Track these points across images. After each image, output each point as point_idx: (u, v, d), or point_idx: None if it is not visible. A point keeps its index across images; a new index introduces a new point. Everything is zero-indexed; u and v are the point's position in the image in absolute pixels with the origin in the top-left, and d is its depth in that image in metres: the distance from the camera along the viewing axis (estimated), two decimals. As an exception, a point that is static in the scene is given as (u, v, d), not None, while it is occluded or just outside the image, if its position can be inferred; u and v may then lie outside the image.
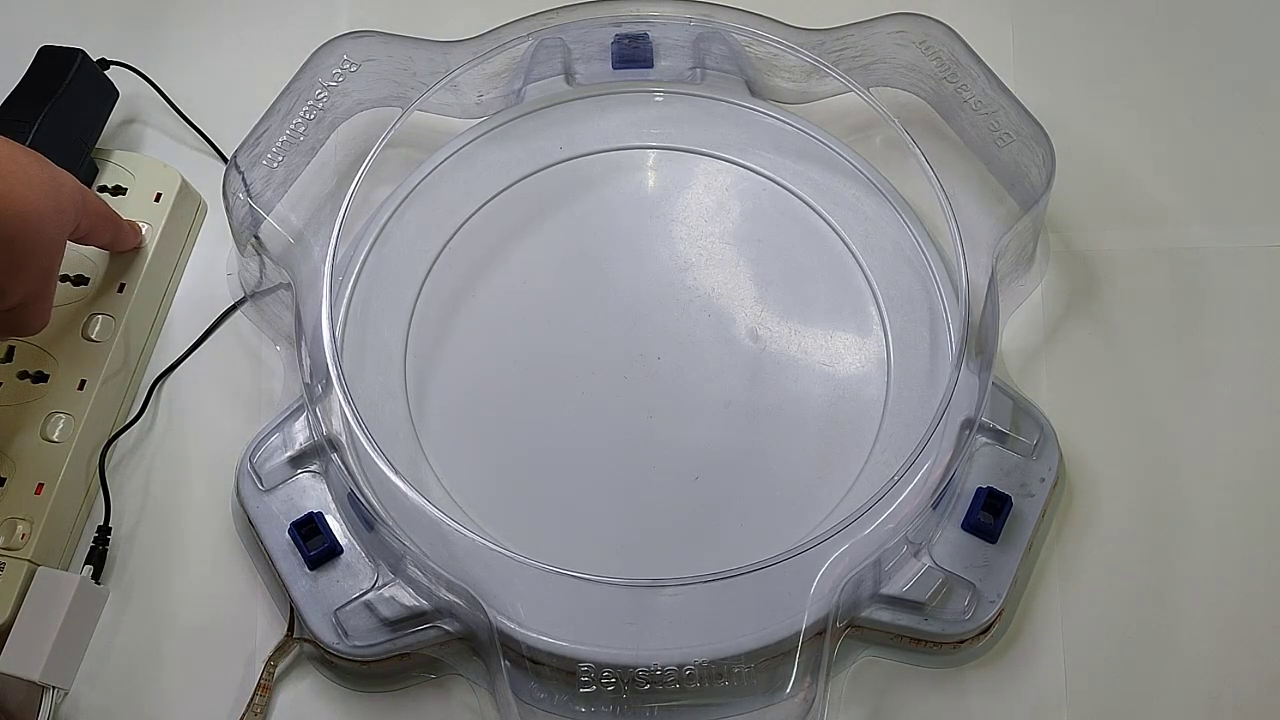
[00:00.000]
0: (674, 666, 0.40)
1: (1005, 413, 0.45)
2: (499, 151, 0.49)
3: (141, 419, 0.47)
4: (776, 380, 0.46)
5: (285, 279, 0.46)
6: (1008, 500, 0.43)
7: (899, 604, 0.42)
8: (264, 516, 0.44)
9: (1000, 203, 0.49)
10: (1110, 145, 0.51)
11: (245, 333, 0.49)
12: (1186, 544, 0.45)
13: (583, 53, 0.51)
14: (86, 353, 0.47)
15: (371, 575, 0.42)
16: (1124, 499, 0.45)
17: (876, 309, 0.47)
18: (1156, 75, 0.53)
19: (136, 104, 0.53)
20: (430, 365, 0.46)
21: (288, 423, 0.45)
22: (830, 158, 0.49)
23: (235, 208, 0.47)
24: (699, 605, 0.41)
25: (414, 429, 0.45)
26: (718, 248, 0.48)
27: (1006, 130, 0.48)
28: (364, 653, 0.41)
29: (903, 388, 0.45)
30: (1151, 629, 0.43)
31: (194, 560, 0.45)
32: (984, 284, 0.45)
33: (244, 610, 0.44)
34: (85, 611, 0.43)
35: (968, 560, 0.43)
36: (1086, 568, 0.44)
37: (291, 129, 0.48)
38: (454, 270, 0.47)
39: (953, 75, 0.49)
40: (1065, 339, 0.48)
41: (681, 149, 0.50)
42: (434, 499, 0.42)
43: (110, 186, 0.50)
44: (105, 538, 0.45)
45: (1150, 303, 0.49)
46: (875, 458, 0.44)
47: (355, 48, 0.49)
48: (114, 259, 0.48)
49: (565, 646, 0.40)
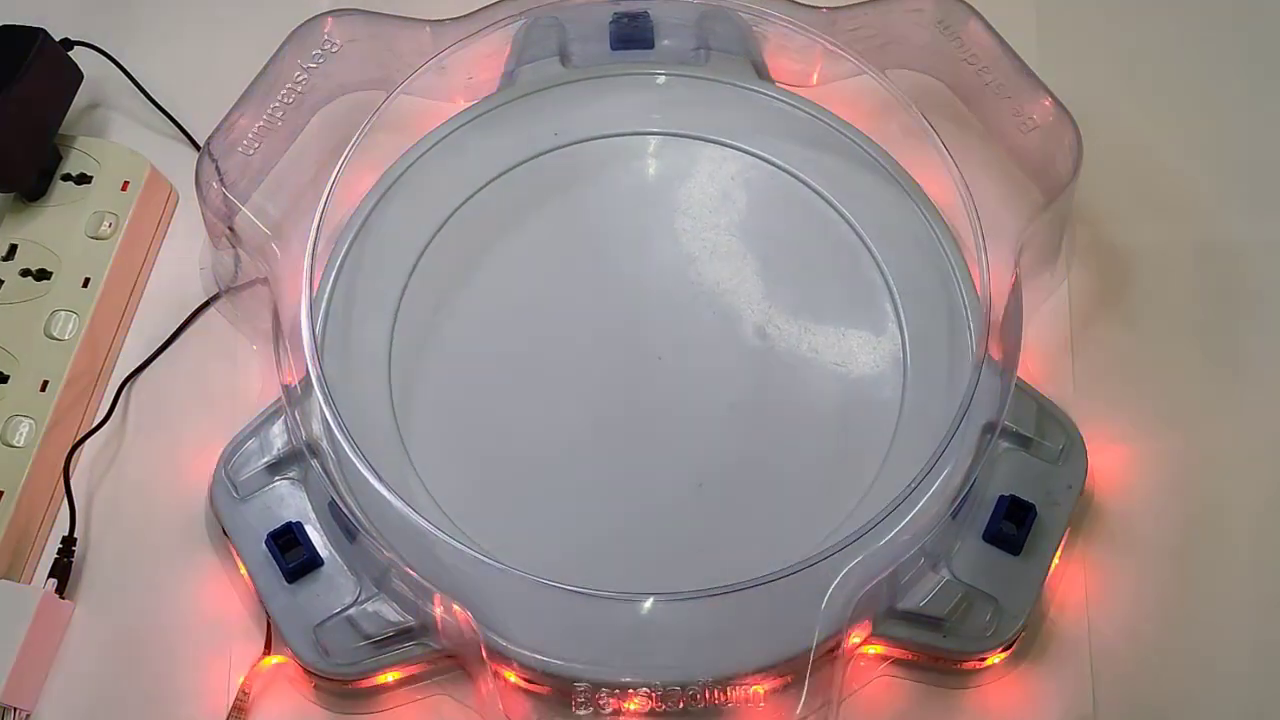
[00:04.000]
0: (676, 686, 0.40)
1: (1029, 416, 0.44)
2: (490, 138, 0.49)
3: (109, 422, 0.46)
4: (785, 381, 0.45)
5: (262, 273, 0.46)
6: (1032, 509, 0.42)
7: (916, 620, 0.41)
8: (239, 527, 0.43)
9: (1024, 193, 0.48)
10: (1141, 131, 0.51)
11: (219, 331, 0.48)
12: (1222, 557, 0.44)
13: (579, 32, 0.50)
14: (49, 352, 0.46)
15: (354, 589, 0.42)
16: (1155, 508, 0.44)
17: (892, 305, 0.46)
18: (1191, 55, 0.52)
19: (102, 87, 0.52)
20: (417, 365, 0.45)
21: (265, 427, 0.44)
22: (843, 144, 0.49)
23: (209, 197, 0.46)
24: (702, 621, 0.40)
25: (399, 433, 0.44)
26: (723, 240, 0.47)
27: (1030, 115, 0.47)
28: (346, 671, 0.41)
29: (920, 389, 0.44)
30: (1185, 647, 0.43)
31: (164, 573, 0.44)
32: (1007, 279, 0.44)
33: (218, 626, 0.43)
34: (48, 628, 0.42)
35: (989, 573, 0.42)
36: (1115, 581, 0.43)
37: (269, 114, 0.48)
38: (442, 264, 0.47)
39: (973, 57, 0.48)
40: (1093, 337, 0.47)
41: (684, 135, 0.49)
42: (420, 508, 0.41)
43: (74, 175, 0.49)
44: (70, 549, 0.44)
45: (1184, 299, 0.48)
46: (890, 464, 0.43)
47: (337, 27, 0.49)
48: (79, 251, 0.47)
49: (560, 665, 0.40)
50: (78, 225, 0.48)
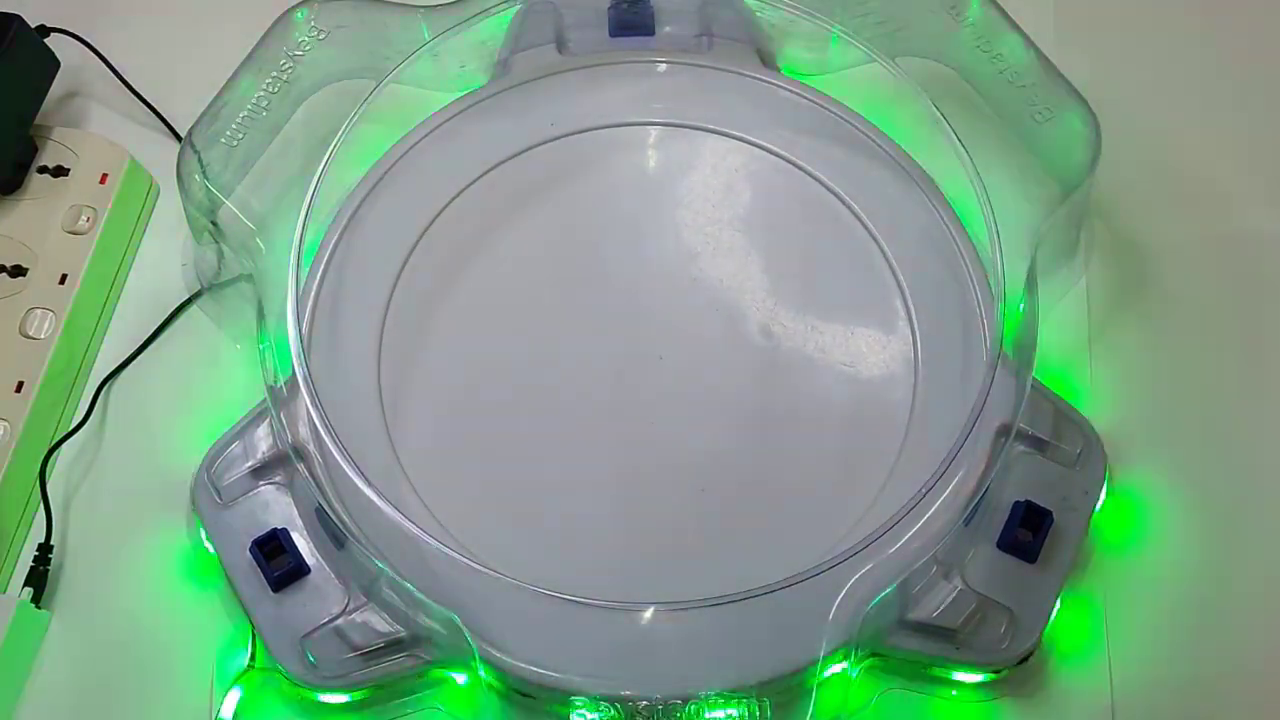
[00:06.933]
0: (678, 699, 0.39)
1: (1046, 419, 0.43)
2: (483, 128, 0.49)
3: (87, 425, 0.46)
4: (791, 382, 0.45)
5: (246, 270, 0.45)
6: (1048, 516, 0.42)
7: (928, 631, 0.41)
8: (223, 533, 0.42)
9: (1040, 185, 0.47)
10: (1162, 121, 0.50)
11: (202, 329, 0.48)
12: (1248, 565, 0.43)
13: (576, 19, 0.50)
14: (24, 351, 0.45)
15: (342, 598, 0.41)
16: (1177, 515, 0.44)
17: (903, 303, 0.45)
18: (1213, 43, 0.52)
19: (80, 75, 0.52)
20: (407, 365, 0.45)
21: (249, 429, 0.44)
22: (851, 135, 0.48)
23: (191, 190, 0.46)
24: (706, 632, 0.40)
25: (389, 436, 0.43)
26: (726, 235, 0.47)
27: (1047, 105, 0.47)
28: (334, 683, 0.40)
29: (932, 391, 0.44)
30: (1209, 660, 0.42)
31: (145, 582, 0.43)
32: (1022, 275, 0.43)
33: (201, 637, 0.42)
34: (23, 639, 0.42)
35: (1004, 582, 0.41)
36: (1136, 591, 0.43)
37: (253, 104, 0.48)
38: (433, 260, 0.46)
39: (987, 44, 0.48)
40: (1112, 337, 0.47)
41: (686, 125, 0.49)
42: (411, 514, 0.41)
43: (51, 167, 0.49)
44: (46, 557, 0.43)
45: (1207, 296, 0.47)
46: (901, 469, 0.42)
47: (324, 13, 0.48)
48: (56, 247, 0.47)
49: (557, 677, 0.39)
50: (54, 219, 0.48)
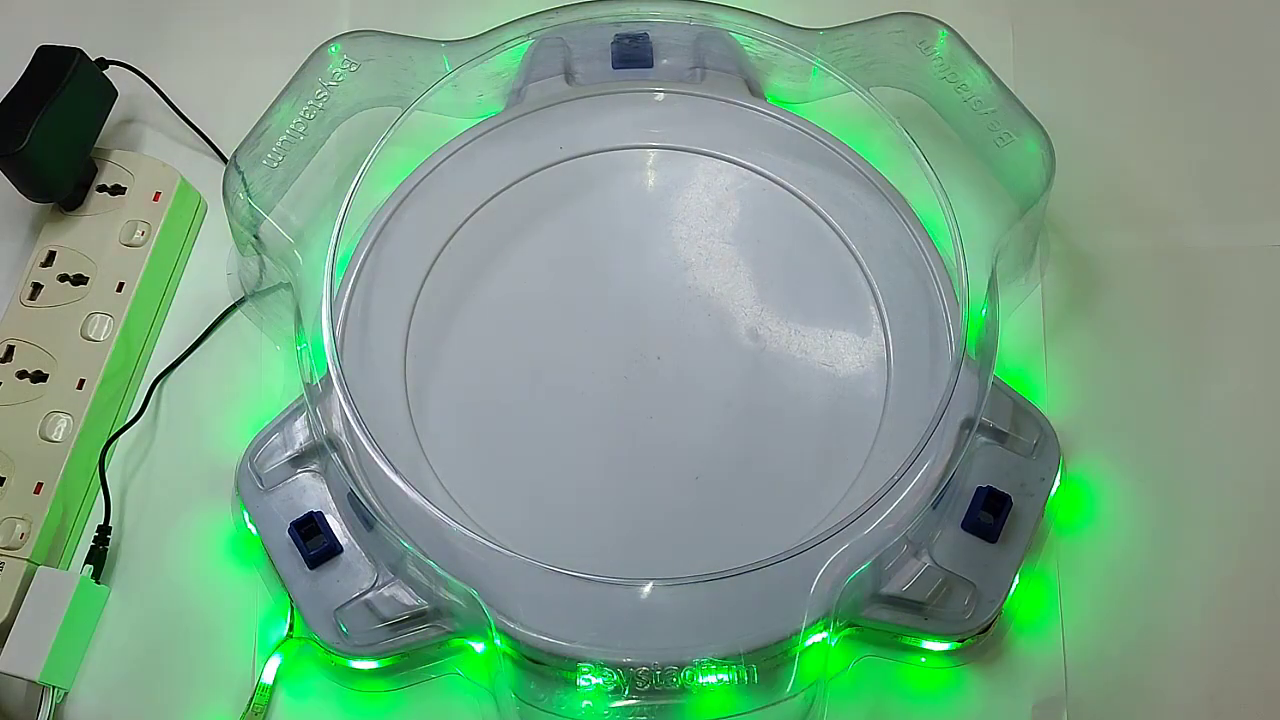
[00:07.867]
0: (674, 665, 0.40)
1: (1005, 412, 0.45)
2: (499, 151, 0.49)
3: (141, 418, 0.47)
4: (776, 380, 0.45)
5: (285, 278, 0.46)
6: (1008, 500, 0.43)
7: (899, 604, 0.42)
8: (264, 516, 0.43)
9: (1000, 202, 0.48)
10: (1111, 144, 0.51)
11: (245, 332, 0.49)
12: (1188, 544, 0.45)
13: (583, 52, 0.51)
14: (86, 352, 0.46)
15: (371, 575, 0.42)
16: (1124, 499, 0.45)
17: (876, 308, 0.46)
18: (1157, 74, 0.53)
19: (135, 103, 0.53)
20: (430, 365, 0.46)
21: (288, 422, 0.45)
22: (830, 157, 0.49)
23: (235, 207, 0.47)
24: (699, 605, 0.41)
25: (414, 428, 0.44)
26: (718, 247, 0.48)
27: (1006, 130, 0.48)
28: (364, 651, 0.41)
29: (903, 387, 0.45)
30: (1152, 629, 0.43)
31: (194, 560, 0.45)
32: (984, 283, 0.44)
33: (244, 609, 0.44)
34: (85, 611, 0.43)
35: (968, 560, 0.42)
36: (1087, 567, 0.44)
37: (291, 128, 0.48)
38: (454, 270, 0.47)
39: (953, 75, 0.49)
40: (1065, 339, 0.48)
41: (682, 149, 0.49)
42: (434, 498, 0.42)
43: (109, 186, 0.50)
44: (105, 537, 0.45)
45: (1151, 302, 0.48)
46: (875, 457, 0.43)
47: (356, 47, 0.49)
48: (114, 258, 0.48)
49: (566, 646, 0.40)
50: (112, 233, 0.48)
